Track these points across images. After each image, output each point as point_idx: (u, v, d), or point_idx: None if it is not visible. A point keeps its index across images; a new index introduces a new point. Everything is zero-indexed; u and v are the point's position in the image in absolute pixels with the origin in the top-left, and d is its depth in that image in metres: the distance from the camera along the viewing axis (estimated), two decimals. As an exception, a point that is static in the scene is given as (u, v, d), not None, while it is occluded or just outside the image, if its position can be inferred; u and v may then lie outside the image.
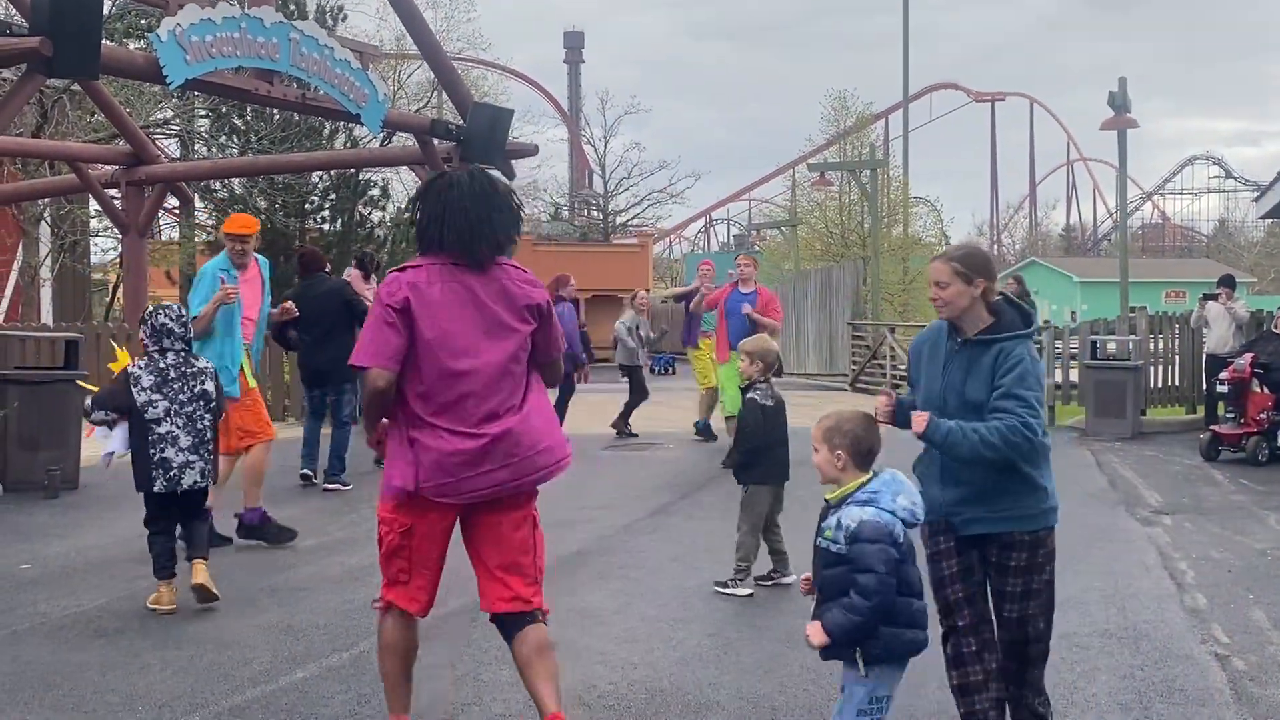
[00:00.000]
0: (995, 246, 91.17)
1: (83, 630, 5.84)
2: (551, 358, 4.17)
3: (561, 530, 8.25)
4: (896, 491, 3.74)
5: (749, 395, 6.74)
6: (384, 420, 4.02)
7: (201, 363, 6.45)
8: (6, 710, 4.71)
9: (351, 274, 12.26)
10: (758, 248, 57.82)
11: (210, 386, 6.36)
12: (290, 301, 8.91)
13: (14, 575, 7.00)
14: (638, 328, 14.50)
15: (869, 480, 3.77)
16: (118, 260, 24.21)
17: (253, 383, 7.81)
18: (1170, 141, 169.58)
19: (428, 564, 4.09)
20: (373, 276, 12.55)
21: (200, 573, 6.18)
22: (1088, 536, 8.21)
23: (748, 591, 6.53)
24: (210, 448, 6.37)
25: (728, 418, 11.28)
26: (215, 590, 6.18)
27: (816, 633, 3.64)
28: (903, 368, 21.21)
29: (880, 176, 30.98)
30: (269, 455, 7.88)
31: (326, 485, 10.08)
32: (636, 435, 13.81)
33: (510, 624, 4.05)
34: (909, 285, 36.21)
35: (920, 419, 4.01)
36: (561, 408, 13.36)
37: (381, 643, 4.17)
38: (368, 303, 9.53)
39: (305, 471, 10.27)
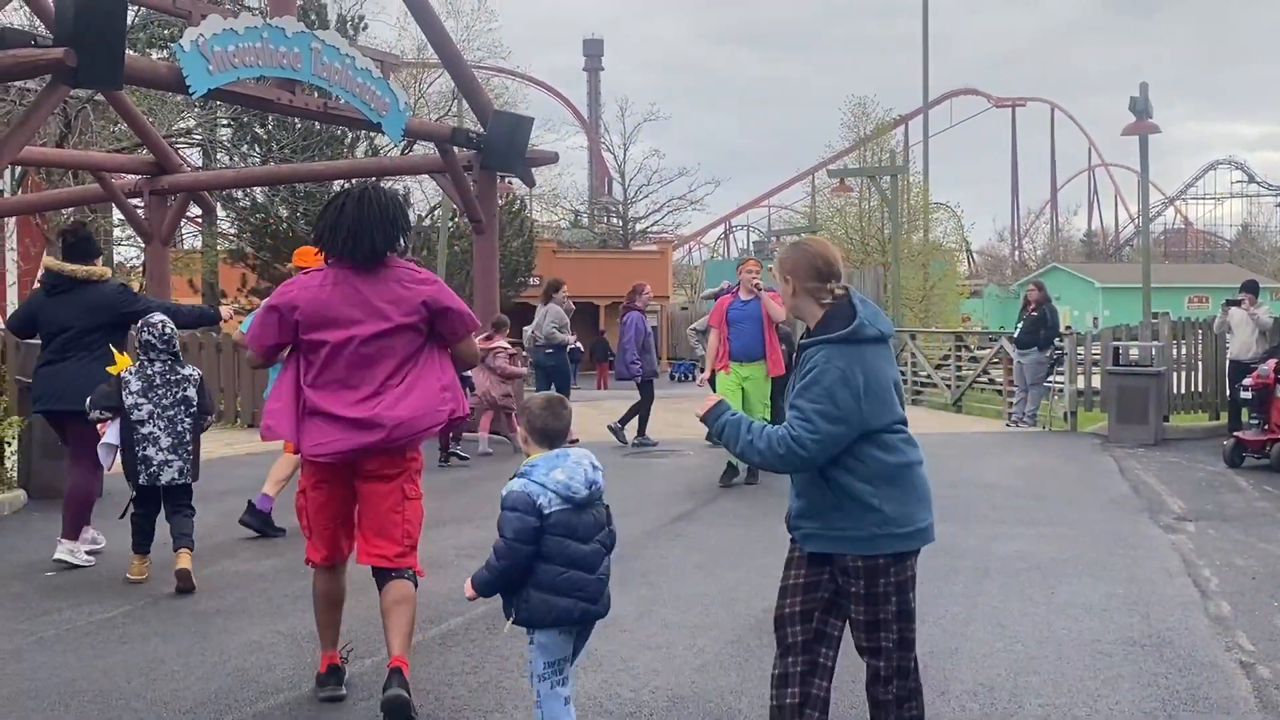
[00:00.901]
0: (1016, 252, 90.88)
1: (107, 636, 5.87)
2: (459, 338, 4.87)
3: (582, 537, 8.28)
4: (553, 467, 4.03)
5: None
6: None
7: (186, 370, 7.07)
8: (32, 717, 4.75)
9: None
10: (778, 254, 57.76)
11: (192, 393, 7.02)
12: None
13: (39, 582, 7.06)
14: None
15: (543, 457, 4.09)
16: (141, 268, 24.32)
17: None
18: (1193, 146, 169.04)
19: (322, 520, 4.82)
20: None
21: (184, 559, 6.83)
22: (1110, 543, 8.18)
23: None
24: (190, 449, 7.04)
25: None
26: (193, 581, 6.76)
27: (469, 586, 4.11)
28: (924, 374, 21.18)
29: (900, 182, 30.94)
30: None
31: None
32: (657, 444, 13.88)
33: (379, 576, 4.80)
34: (930, 292, 36.11)
35: (707, 403, 3.91)
36: (644, 414, 13.51)
37: (313, 591, 5.00)
38: None
39: None
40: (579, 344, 14.76)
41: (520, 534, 3.97)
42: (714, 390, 10.23)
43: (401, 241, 4.81)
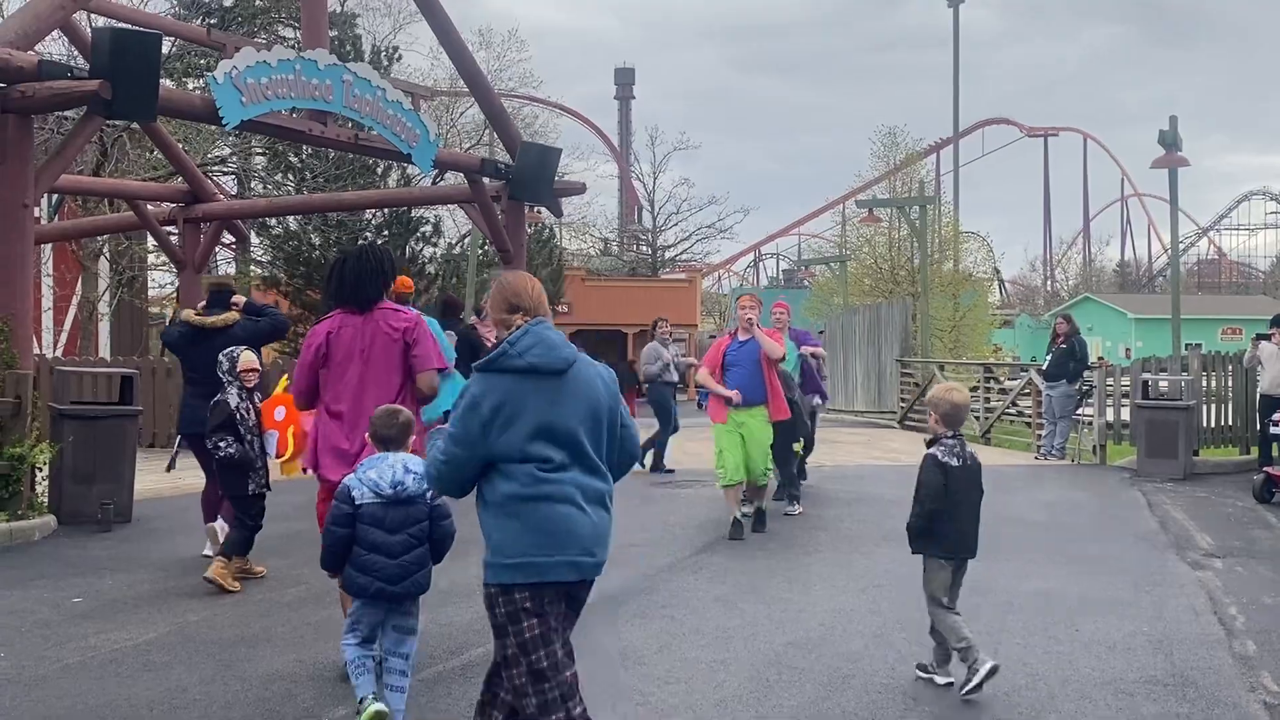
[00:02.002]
0: (1049, 282, 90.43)
1: (131, 664, 5.93)
2: (418, 370, 5.73)
3: (608, 567, 8.27)
4: (370, 467, 4.95)
5: (929, 451, 5.78)
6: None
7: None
8: (56, 743, 4.79)
9: (475, 320, 13.56)
10: (807, 283, 57.74)
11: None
12: None
13: (66, 608, 7.13)
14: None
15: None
16: (174, 295, 24.56)
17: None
18: (1227, 176, 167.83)
19: None
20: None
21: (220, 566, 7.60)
22: (1136, 579, 8.12)
23: (946, 680, 5.67)
24: (262, 463, 7.85)
25: (725, 487, 9.79)
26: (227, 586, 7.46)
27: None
28: (952, 405, 21.10)
29: (930, 212, 30.91)
30: None
31: None
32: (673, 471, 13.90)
33: None
34: (959, 322, 35.97)
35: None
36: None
37: (340, 594, 5.64)
38: (487, 343, 11.93)
39: None
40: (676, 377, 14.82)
41: (335, 518, 4.92)
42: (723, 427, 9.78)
43: (389, 288, 5.91)
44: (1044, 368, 16.94)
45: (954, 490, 5.70)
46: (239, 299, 8.83)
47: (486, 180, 15.15)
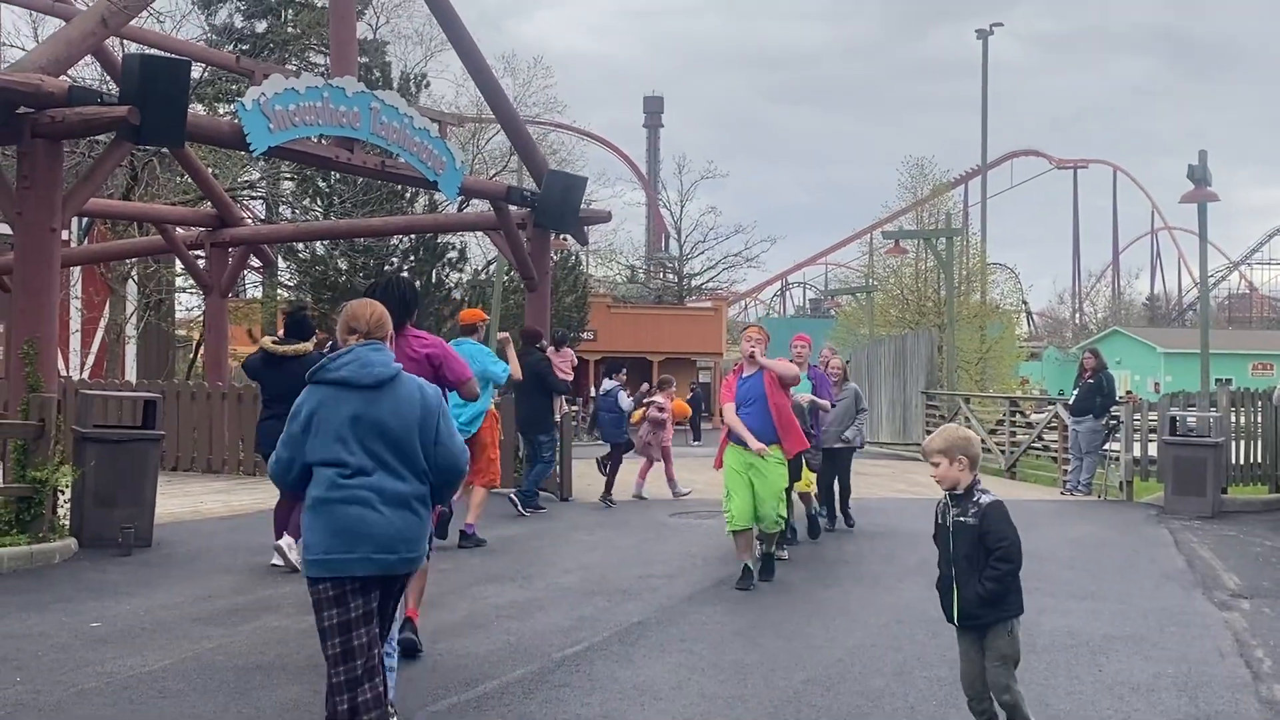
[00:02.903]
0: (1077, 314, 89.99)
1: (147, 690, 5.91)
2: (452, 385, 6.16)
3: (621, 599, 8.24)
4: None
5: (996, 499, 5.18)
6: None
7: None
8: (67, 771, 4.77)
9: (549, 348, 13.93)
10: (833, 313, 57.63)
11: None
12: None
13: (84, 632, 7.12)
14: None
15: None
16: (200, 318, 24.72)
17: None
18: (1259, 211, 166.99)
19: None
20: (567, 349, 15.15)
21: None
22: (1161, 619, 8.00)
23: None
24: None
25: (733, 533, 8.90)
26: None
27: None
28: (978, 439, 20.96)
29: (957, 243, 30.83)
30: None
31: (523, 510, 12.42)
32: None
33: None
34: (986, 354, 35.78)
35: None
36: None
37: None
38: (559, 371, 13.30)
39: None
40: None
41: None
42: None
43: (414, 316, 6.26)
44: (1071, 402, 16.80)
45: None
46: (323, 336, 9.42)
47: (512, 207, 15.19)
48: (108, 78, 17.17)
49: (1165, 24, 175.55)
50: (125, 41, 15.62)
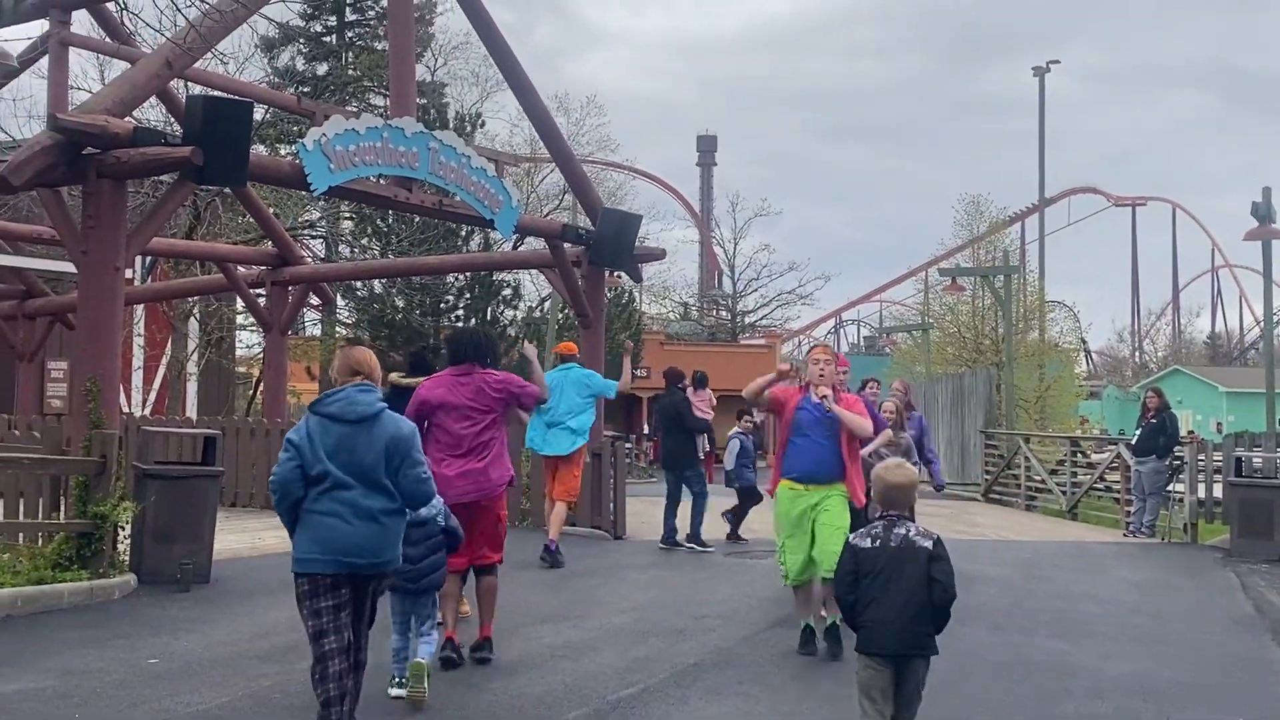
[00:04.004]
0: (1137, 353, 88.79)
1: (203, 728, 5.91)
2: (529, 404, 7.78)
3: (676, 640, 8.16)
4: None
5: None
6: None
7: None
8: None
9: (690, 389, 14.20)
10: (888, 350, 57.27)
11: None
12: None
13: (142, 669, 7.16)
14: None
15: None
16: (260, 356, 25.01)
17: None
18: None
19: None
20: (706, 390, 15.45)
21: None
22: (1228, 665, 7.81)
23: None
24: None
25: (792, 587, 7.96)
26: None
27: None
28: (1038, 479, 20.65)
29: (1015, 281, 30.54)
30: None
31: (689, 545, 12.90)
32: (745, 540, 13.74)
33: (477, 571, 7.34)
34: (1045, 393, 35.33)
35: None
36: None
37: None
38: (698, 410, 13.69)
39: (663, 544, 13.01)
40: None
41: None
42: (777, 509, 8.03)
43: (488, 359, 7.52)
44: (1133, 442, 16.54)
45: (866, 575, 5.12)
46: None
47: (567, 245, 15.24)
48: (172, 119, 17.47)
49: (1218, 57, 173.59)
50: (189, 83, 15.88)
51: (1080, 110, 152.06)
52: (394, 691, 6.41)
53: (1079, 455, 20.58)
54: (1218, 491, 15.70)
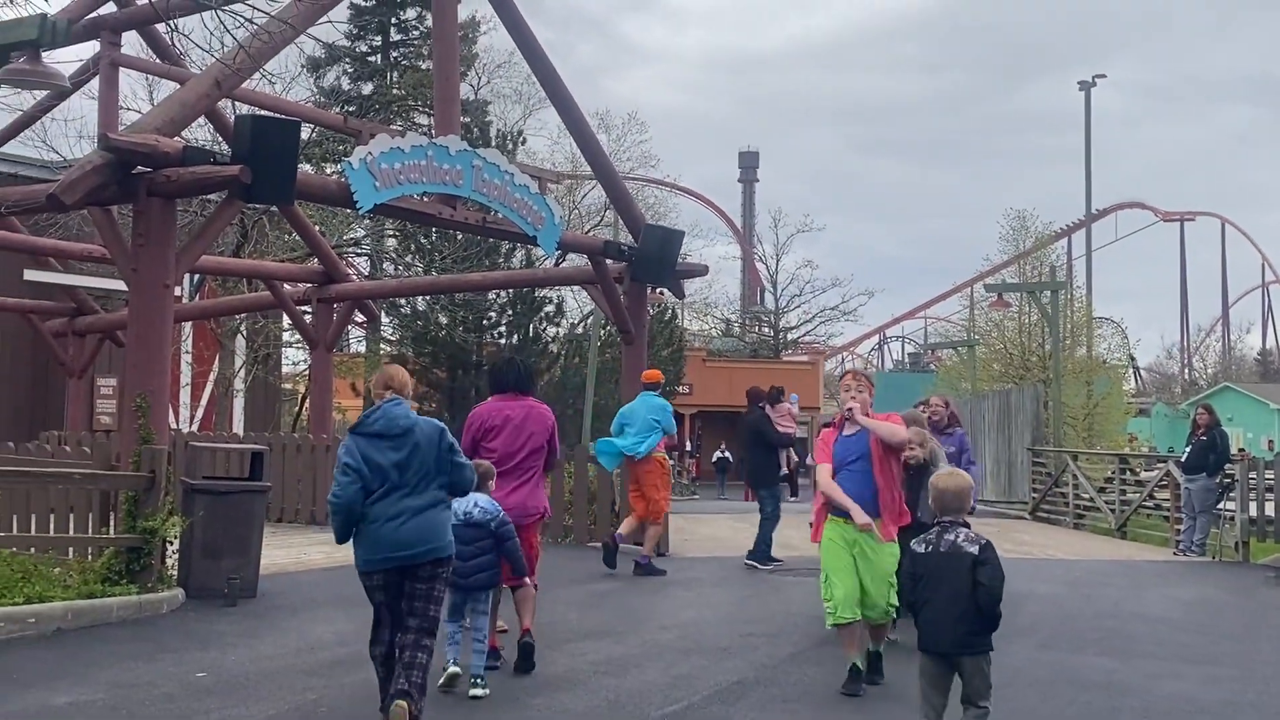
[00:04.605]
0: (1186, 370, 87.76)
1: (250, 742, 5.95)
2: (550, 463, 8.25)
3: (720, 657, 8.12)
4: (457, 502, 6.68)
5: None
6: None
7: None
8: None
9: (768, 407, 14.08)
10: (933, 367, 56.89)
11: None
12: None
13: (190, 683, 7.21)
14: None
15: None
16: (306, 372, 25.22)
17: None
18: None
19: None
20: (784, 403, 15.31)
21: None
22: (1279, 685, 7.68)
23: None
24: None
25: (836, 626, 7.30)
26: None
27: None
28: (1087, 497, 20.42)
29: (1062, 297, 30.27)
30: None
31: (746, 561, 12.89)
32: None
33: (511, 588, 7.60)
34: (1093, 410, 34.97)
35: None
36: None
37: None
38: (780, 425, 13.61)
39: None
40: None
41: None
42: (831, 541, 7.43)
43: (529, 387, 8.24)
44: (1183, 459, 16.33)
45: (921, 578, 5.54)
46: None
47: (609, 261, 15.27)
48: (219, 138, 17.69)
49: (1268, 71, 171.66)
50: (236, 102, 16.08)
51: (1127, 125, 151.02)
52: (451, 669, 6.99)
53: (1128, 473, 20.33)
54: (1269, 510, 15.46)
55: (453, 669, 6.97)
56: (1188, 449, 16.28)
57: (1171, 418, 61.47)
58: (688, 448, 41.03)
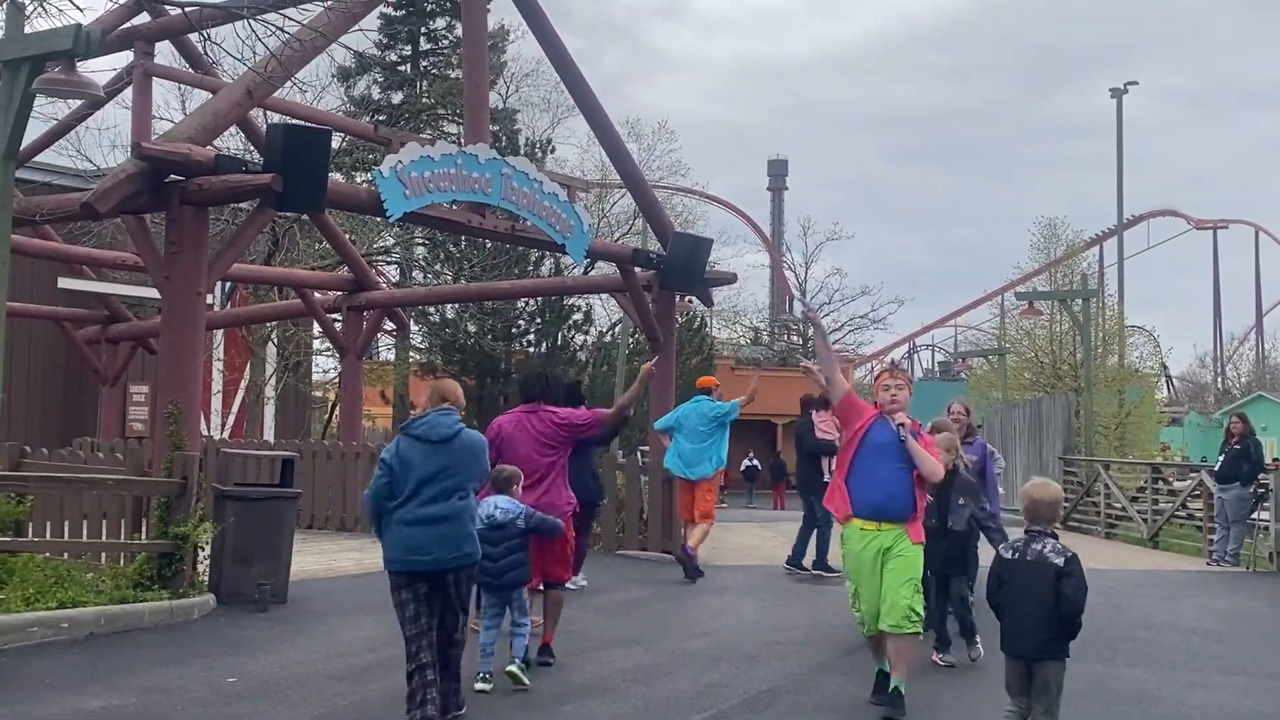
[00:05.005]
0: (1219, 379, 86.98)
1: (280, 747, 5.97)
2: (595, 431, 8.64)
3: (749, 665, 8.10)
4: (481, 506, 6.97)
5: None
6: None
7: None
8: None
9: (815, 412, 14.05)
10: (963, 375, 56.63)
11: None
12: None
13: (220, 688, 7.25)
14: None
15: None
16: (336, 380, 25.35)
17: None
18: None
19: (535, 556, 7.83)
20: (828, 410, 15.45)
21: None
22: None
23: None
24: None
25: (892, 629, 6.78)
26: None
27: None
28: (1119, 507, 20.26)
29: (1094, 305, 30.08)
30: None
31: (785, 566, 13.12)
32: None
33: (546, 586, 7.96)
34: (1125, 419, 34.72)
35: None
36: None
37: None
38: (821, 432, 13.27)
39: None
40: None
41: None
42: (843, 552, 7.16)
43: (553, 397, 8.60)
44: (1216, 469, 16.18)
45: (1006, 583, 5.75)
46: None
47: (638, 269, 15.28)
48: (251, 147, 17.83)
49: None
50: (268, 111, 16.21)
51: (1159, 132, 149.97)
52: (479, 686, 7.09)
53: (1160, 482, 20.16)
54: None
55: (480, 685, 7.12)
56: (1221, 458, 16.13)
57: (1205, 427, 60.95)
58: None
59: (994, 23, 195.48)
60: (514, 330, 30.43)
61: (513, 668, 7.19)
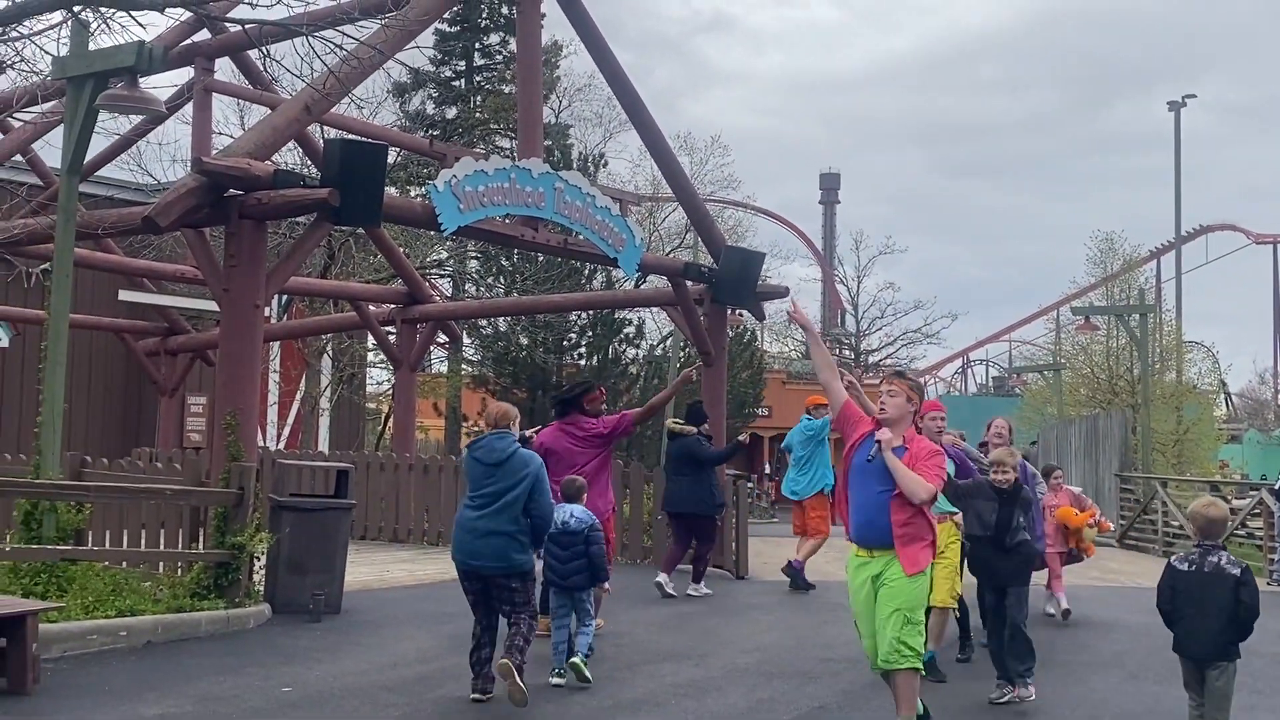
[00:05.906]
0: (1278, 395, 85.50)
1: (334, 756, 6.01)
2: (631, 430, 9.98)
3: (802, 682, 8.06)
4: (555, 512, 7.80)
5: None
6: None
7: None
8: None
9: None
10: (1018, 391, 56.08)
11: None
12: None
13: (276, 696, 7.32)
14: None
15: None
16: (390, 392, 25.54)
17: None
18: None
19: None
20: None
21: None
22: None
23: None
24: None
25: (881, 665, 6.33)
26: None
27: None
28: (1176, 524, 19.97)
29: (1151, 321, 29.69)
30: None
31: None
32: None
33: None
34: (1183, 436, 34.20)
35: None
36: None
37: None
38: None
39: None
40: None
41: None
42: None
43: (584, 408, 9.64)
44: (1276, 486, 15.93)
45: (1181, 593, 6.30)
46: (708, 428, 12.80)
47: (689, 283, 15.28)
48: (308, 161, 18.04)
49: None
50: (324, 126, 16.40)
51: (1217, 146, 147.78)
52: (554, 680, 7.64)
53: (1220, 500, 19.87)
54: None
55: (555, 679, 7.67)
56: (1282, 476, 15.88)
57: (1264, 444, 59.87)
58: (767, 470, 40.81)
59: (1046, 35, 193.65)
60: (565, 343, 30.50)
61: (576, 659, 7.72)
